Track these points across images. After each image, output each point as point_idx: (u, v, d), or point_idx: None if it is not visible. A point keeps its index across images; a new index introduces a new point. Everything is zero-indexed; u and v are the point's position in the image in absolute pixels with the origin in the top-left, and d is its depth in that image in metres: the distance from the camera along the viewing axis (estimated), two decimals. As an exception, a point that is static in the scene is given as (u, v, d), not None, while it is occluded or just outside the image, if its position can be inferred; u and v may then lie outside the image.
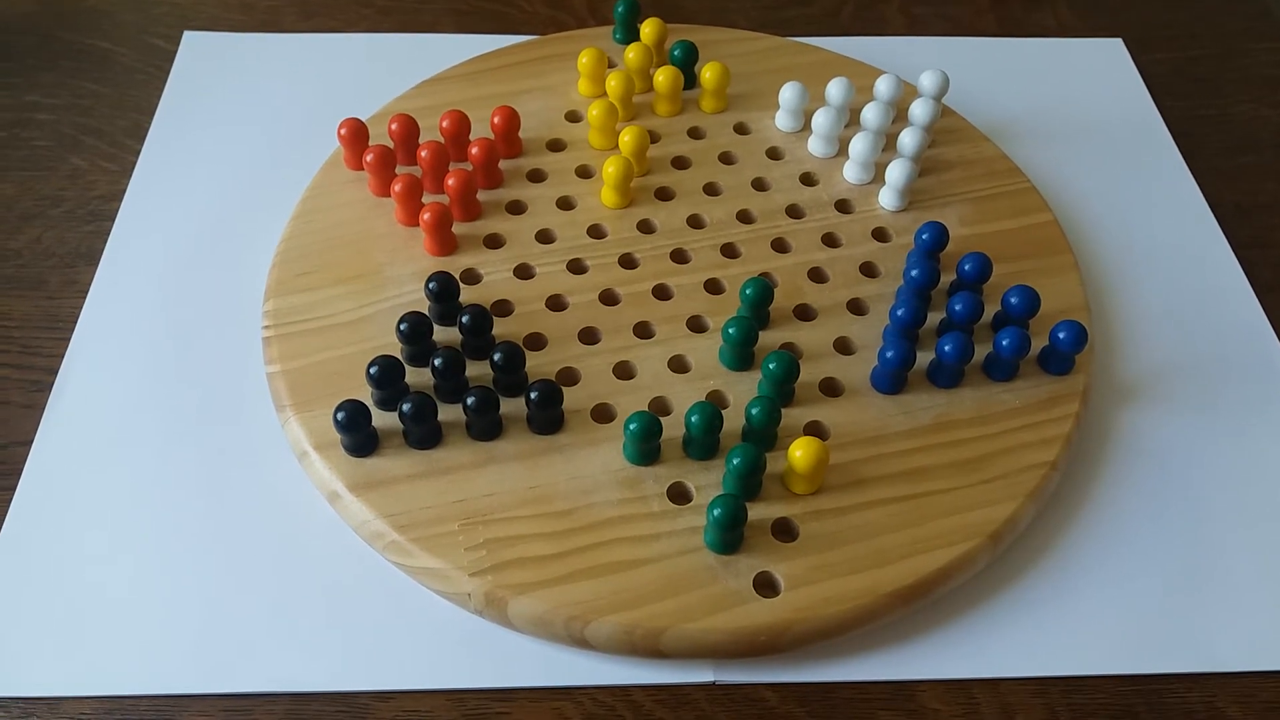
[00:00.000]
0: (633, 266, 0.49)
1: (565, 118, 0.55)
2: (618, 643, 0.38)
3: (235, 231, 0.51)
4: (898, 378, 0.44)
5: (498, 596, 0.38)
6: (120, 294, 0.49)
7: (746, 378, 0.45)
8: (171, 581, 0.40)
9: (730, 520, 0.38)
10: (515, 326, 0.46)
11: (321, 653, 0.39)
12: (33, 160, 0.55)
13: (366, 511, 0.40)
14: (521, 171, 0.52)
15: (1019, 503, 0.42)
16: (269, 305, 0.46)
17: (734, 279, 0.48)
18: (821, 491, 0.41)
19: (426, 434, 0.42)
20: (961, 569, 0.40)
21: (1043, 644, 0.40)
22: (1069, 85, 0.63)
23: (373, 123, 0.53)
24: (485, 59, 0.58)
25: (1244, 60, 0.66)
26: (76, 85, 0.59)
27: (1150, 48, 0.65)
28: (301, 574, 0.41)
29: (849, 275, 0.49)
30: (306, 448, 0.42)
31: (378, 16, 0.64)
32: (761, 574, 0.39)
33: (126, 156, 0.55)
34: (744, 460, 0.39)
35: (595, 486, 0.41)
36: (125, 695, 0.38)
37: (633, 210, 0.51)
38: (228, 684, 0.38)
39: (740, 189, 0.52)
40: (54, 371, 0.46)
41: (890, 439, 0.43)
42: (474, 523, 0.40)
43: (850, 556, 0.40)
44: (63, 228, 0.52)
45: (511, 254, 0.49)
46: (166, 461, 0.44)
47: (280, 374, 0.44)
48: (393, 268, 0.48)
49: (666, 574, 0.39)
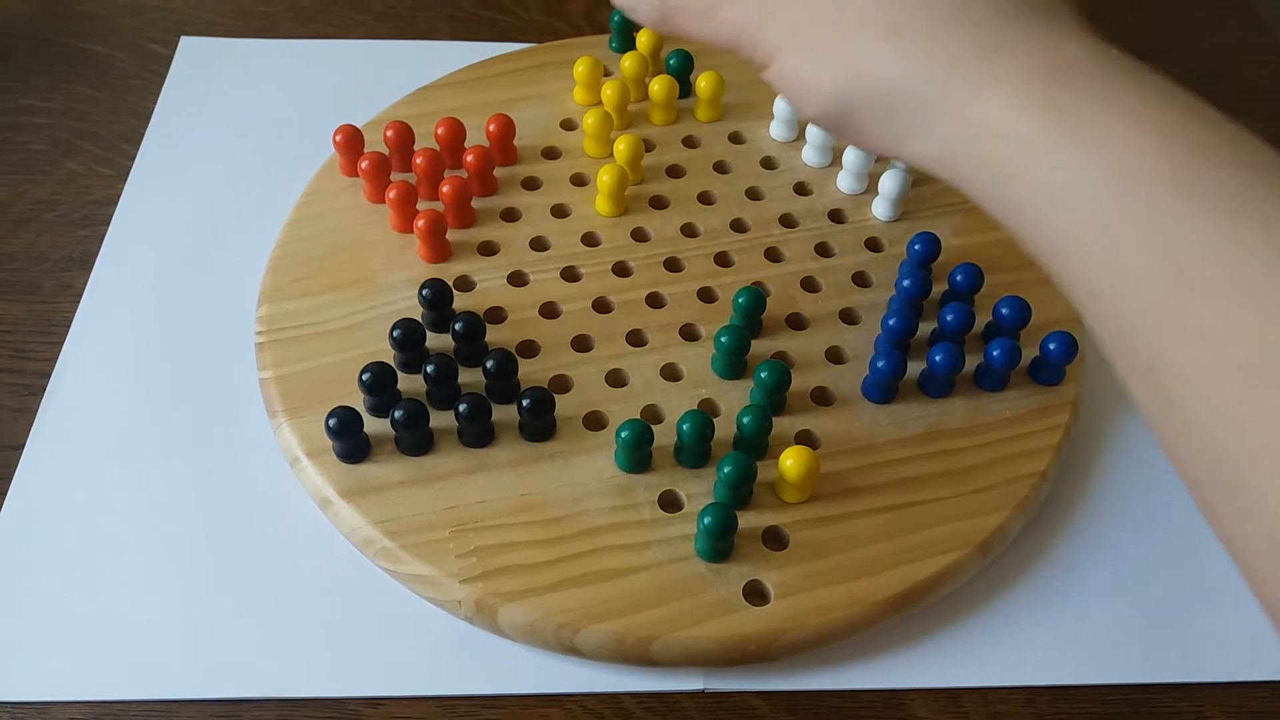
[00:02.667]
0: (626, 274, 0.49)
1: (560, 125, 0.55)
2: (608, 650, 0.38)
3: (230, 236, 0.52)
4: (889, 387, 0.45)
5: (488, 604, 0.38)
6: (114, 299, 0.49)
7: (739, 386, 0.45)
8: (162, 587, 0.40)
9: (721, 529, 0.38)
10: (508, 333, 0.46)
11: (312, 659, 0.39)
12: (27, 164, 0.55)
13: (358, 518, 0.40)
14: (516, 179, 0.53)
15: (1009, 513, 0.42)
16: (262, 311, 0.47)
17: (727, 287, 0.48)
18: (812, 500, 0.42)
19: (418, 441, 0.42)
20: (951, 578, 0.41)
21: (1032, 653, 0.40)
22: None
23: (368, 129, 0.53)
24: (481, 66, 0.58)
25: (1239, 73, 0.66)
26: (72, 89, 0.59)
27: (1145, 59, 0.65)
28: (292, 580, 0.41)
29: (841, 285, 0.49)
30: (298, 454, 0.42)
31: (374, 22, 0.64)
32: (752, 582, 0.39)
33: (122, 161, 0.55)
34: (735, 469, 0.39)
35: (587, 494, 0.41)
36: (115, 700, 0.38)
37: (627, 218, 0.51)
38: (218, 690, 0.38)
39: (734, 198, 0.53)
40: (46, 376, 0.46)
41: (881, 448, 0.43)
42: (465, 530, 0.40)
43: (840, 565, 0.40)
44: (57, 232, 0.52)
45: (505, 261, 0.49)
46: (158, 467, 0.44)
47: (273, 380, 0.44)
48: (387, 274, 0.48)
49: (657, 582, 0.39)
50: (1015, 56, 0.28)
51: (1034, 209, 0.27)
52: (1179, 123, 0.26)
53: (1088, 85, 0.27)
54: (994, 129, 0.28)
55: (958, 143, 0.29)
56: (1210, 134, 0.26)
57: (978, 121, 0.28)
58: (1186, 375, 0.25)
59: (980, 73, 0.28)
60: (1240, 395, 0.24)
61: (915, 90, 0.29)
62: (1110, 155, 0.26)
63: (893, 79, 0.29)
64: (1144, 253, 0.25)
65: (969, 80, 0.28)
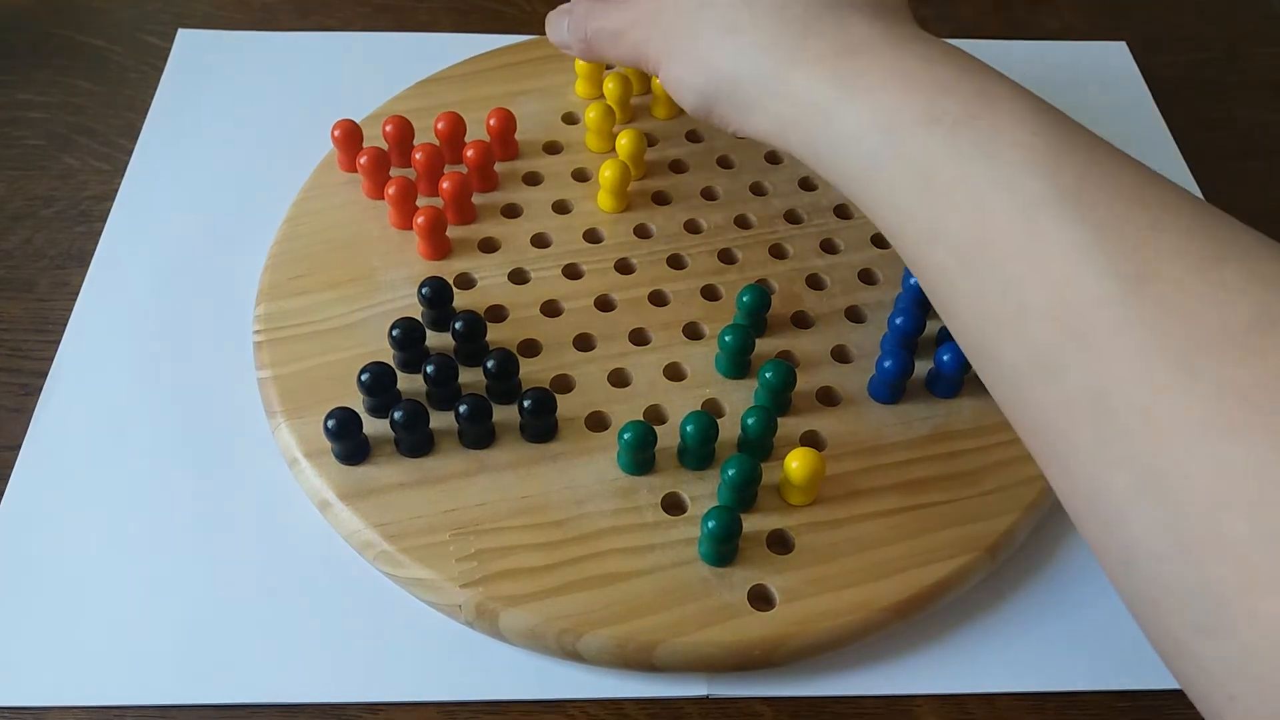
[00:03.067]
0: (629, 272, 0.48)
1: (562, 120, 0.55)
2: (610, 656, 0.38)
3: (228, 233, 0.51)
4: (896, 387, 0.44)
5: (489, 608, 0.38)
6: (111, 297, 0.49)
7: (743, 385, 0.44)
8: (159, 589, 0.40)
9: (725, 533, 0.38)
10: (509, 332, 0.46)
11: (310, 663, 0.39)
12: (24, 159, 0.55)
13: (357, 520, 0.40)
14: (517, 174, 0.52)
15: (1017, 515, 0.41)
16: (260, 309, 0.46)
17: (731, 285, 0.48)
18: (818, 503, 0.41)
19: (418, 442, 0.41)
20: (959, 582, 0.40)
21: (1040, 658, 0.40)
22: (1071, 88, 0.62)
23: (367, 124, 0.52)
24: (482, 59, 0.57)
25: (1250, 64, 0.65)
26: (69, 83, 0.58)
27: (1155, 50, 0.65)
28: (291, 583, 0.40)
29: (847, 282, 0.49)
30: (297, 455, 0.42)
31: (374, 14, 0.64)
32: (756, 587, 0.39)
33: (119, 156, 0.55)
34: (739, 472, 0.39)
35: (589, 496, 0.41)
36: (112, 705, 0.38)
37: (629, 215, 0.51)
38: (215, 695, 0.38)
39: (738, 193, 0.52)
40: (43, 375, 0.46)
41: (888, 449, 0.43)
42: (465, 533, 0.39)
43: (846, 569, 0.39)
44: (53, 228, 0.52)
45: (506, 258, 0.48)
46: (156, 467, 0.43)
47: (271, 380, 0.44)
48: (386, 272, 0.47)
49: (660, 586, 0.39)
50: (816, 41, 0.35)
51: (831, 157, 0.35)
52: (937, 77, 0.33)
53: (868, 57, 0.34)
54: (802, 100, 0.35)
55: (783, 115, 0.36)
56: (956, 77, 0.32)
57: (792, 96, 0.35)
58: (937, 266, 0.32)
59: (793, 58, 0.35)
60: (963, 273, 0.31)
61: (752, 77, 0.36)
62: (878, 107, 0.33)
63: (735, 69, 0.37)
64: (904, 174, 0.32)
65: (785, 64, 0.35)
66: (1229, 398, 0.25)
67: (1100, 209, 0.28)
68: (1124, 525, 0.27)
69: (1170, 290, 0.27)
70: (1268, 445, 0.24)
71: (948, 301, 0.32)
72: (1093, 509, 0.28)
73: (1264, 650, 0.24)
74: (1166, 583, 0.26)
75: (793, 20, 0.36)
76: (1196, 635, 0.26)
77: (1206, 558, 0.25)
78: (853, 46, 0.34)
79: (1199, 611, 0.25)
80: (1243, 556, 0.24)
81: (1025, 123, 0.31)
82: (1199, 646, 0.26)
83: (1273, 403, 0.25)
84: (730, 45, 0.37)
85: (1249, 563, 0.24)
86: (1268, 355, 0.25)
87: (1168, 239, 0.27)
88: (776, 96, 0.36)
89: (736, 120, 0.38)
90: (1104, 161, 0.30)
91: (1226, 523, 0.24)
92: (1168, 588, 0.26)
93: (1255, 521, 0.24)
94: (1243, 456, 0.25)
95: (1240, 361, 0.25)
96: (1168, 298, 0.27)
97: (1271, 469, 0.24)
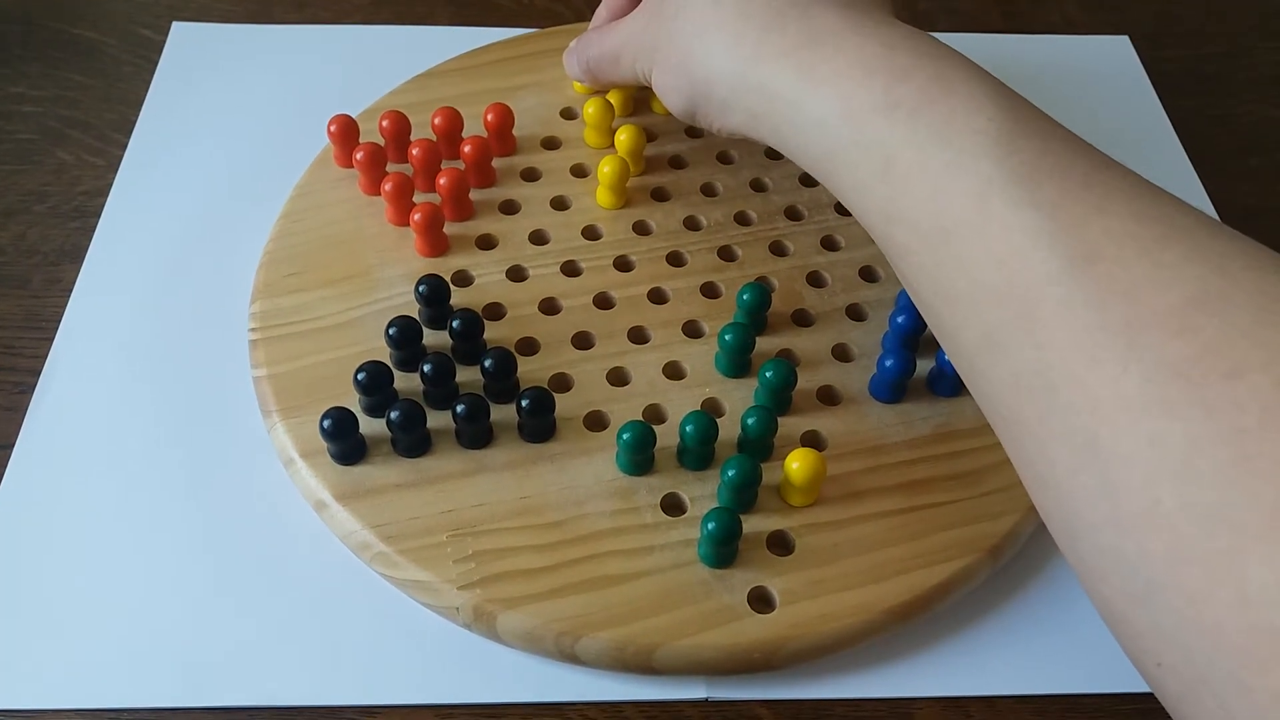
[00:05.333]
0: (628, 269, 0.48)
1: (560, 115, 0.54)
2: (609, 659, 0.37)
3: (223, 229, 0.50)
4: (898, 386, 0.44)
5: (486, 610, 0.38)
6: (105, 293, 0.48)
7: (743, 384, 0.44)
8: (154, 591, 0.40)
9: (724, 535, 0.37)
10: (507, 330, 0.45)
11: (306, 666, 0.38)
12: (16, 154, 0.54)
13: (353, 521, 0.39)
14: (515, 170, 0.51)
15: (1020, 516, 0.41)
16: (256, 307, 0.45)
17: (731, 283, 0.47)
18: (818, 504, 0.41)
19: (415, 442, 0.41)
20: (960, 584, 0.40)
21: (1042, 661, 0.40)
22: (1074, 83, 0.61)
23: (364, 119, 0.52)
24: (479, 53, 0.57)
25: (1254, 59, 0.65)
26: (62, 76, 0.58)
27: (1158, 45, 0.64)
28: (287, 585, 0.40)
29: (848, 280, 0.48)
30: (293, 455, 0.41)
31: (371, 7, 0.63)
32: (756, 589, 0.38)
33: (113, 151, 0.54)
34: (739, 473, 0.38)
35: (587, 497, 0.40)
36: (106, 708, 0.37)
37: (628, 211, 0.50)
38: (210, 698, 0.37)
39: (738, 190, 0.51)
40: (36, 373, 0.45)
41: (889, 449, 0.42)
42: (463, 534, 0.39)
43: (847, 571, 0.39)
44: (47, 224, 0.51)
45: (504, 255, 0.48)
46: (150, 467, 0.43)
47: (267, 378, 0.43)
48: (383, 269, 0.47)
49: (659, 588, 0.38)
50: (780, 35, 0.36)
51: (798, 144, 0.36)
52: (896, 64, 0.33)
53: (831, 47, 0.35)
54: (770, 91, 0.36)
55: (755, 109, 0.37)
56: (915, 63, 0.33)
57: (761, 89, 0.36)
58: (900, 247, 0.33)
59: (758, 54, 0.36)
60: (923, 253, 0.32)
61: (723, 76, 0.38)
62: (838, 94, 0.34)
63: (708, 70, 0.38)
64: (865, 159, 0.33)
65: (751, 60, 0.36)
66: (1165, 373, 0.26)
67: (1050, 192, 0.29)
68: (1067, 497, 0.28)
69: (1115, 270, 0.27)
70: (1200, 419, 0.25)
71: (912, 280, 0.34)
72: (1040, 481, 0.29)
73: (1189, 619, 0.25)
74: (1104, 552, 0.27)
75: (755, 16, 0.37)
76: (1130, 603, 0.27)
77: (1139, 529, 0.26)
78: (816, 38, 0.35)
79: (1132, 580, 0.26)
80: (1173, 528, 0.25)
81: (982, 108, 0.31)
82: (1133, 614, 0.27)
83: (1206, 378, 0.25)
84: (701, 47, 0.38)
85: (1178, 534, 0.25)
86: (1203, 331, 0.26)
87: (1115, 222, 0.28)
88: (747, 92, 0.37)
89: (718, 120, 0.39)
90: (1057, 147, 0.31)
91: (1158, 495, 0.25)
92: (1105, 557, 0.27)
93: (1185, 494, 0.25)
94: (1177, 431, 0.25)
95: (1178, 337, 0.26)
96: (1112, 277, 0.27)
97: (1202, 443, 0.25)
